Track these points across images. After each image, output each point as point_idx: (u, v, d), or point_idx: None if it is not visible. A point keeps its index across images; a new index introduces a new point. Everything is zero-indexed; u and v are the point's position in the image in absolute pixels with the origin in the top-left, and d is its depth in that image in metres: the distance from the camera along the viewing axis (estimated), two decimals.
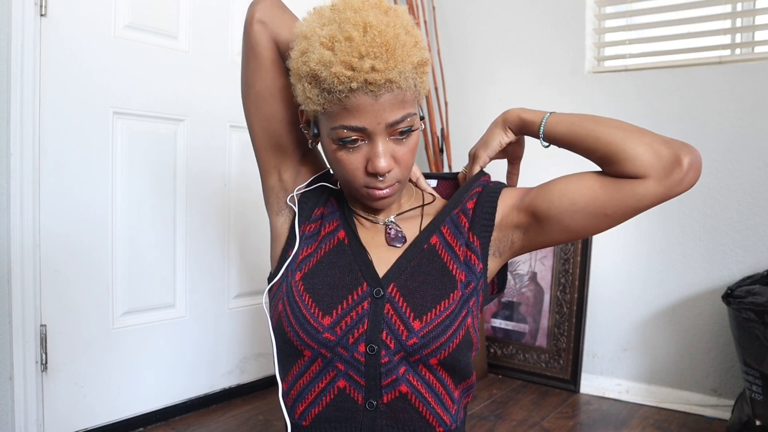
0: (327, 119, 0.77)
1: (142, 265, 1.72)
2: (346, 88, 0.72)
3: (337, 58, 0.71)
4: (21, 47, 1.43)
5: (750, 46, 1.94)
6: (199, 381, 1.89)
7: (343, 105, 0.74)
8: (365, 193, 0.81)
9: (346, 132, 0.75)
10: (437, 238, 0.86)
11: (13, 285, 1.46)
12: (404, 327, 0.78)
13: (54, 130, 1.51)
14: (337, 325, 0.78)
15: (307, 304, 0.80)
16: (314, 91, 0.75)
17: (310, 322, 0.79)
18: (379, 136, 0.76)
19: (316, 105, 0.76)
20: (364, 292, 0.80)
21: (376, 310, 0.79)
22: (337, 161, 0.79)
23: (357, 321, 0.79)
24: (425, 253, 0.85)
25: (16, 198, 1.45)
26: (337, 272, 0.83)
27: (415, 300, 0.80)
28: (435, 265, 0.84)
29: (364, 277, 0.82)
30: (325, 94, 0.74)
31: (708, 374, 1.96)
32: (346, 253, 0.85)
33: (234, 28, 1.90)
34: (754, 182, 1.88)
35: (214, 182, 1.88)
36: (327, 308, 0.79)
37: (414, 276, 0.82)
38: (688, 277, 1.98)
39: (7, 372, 1.47)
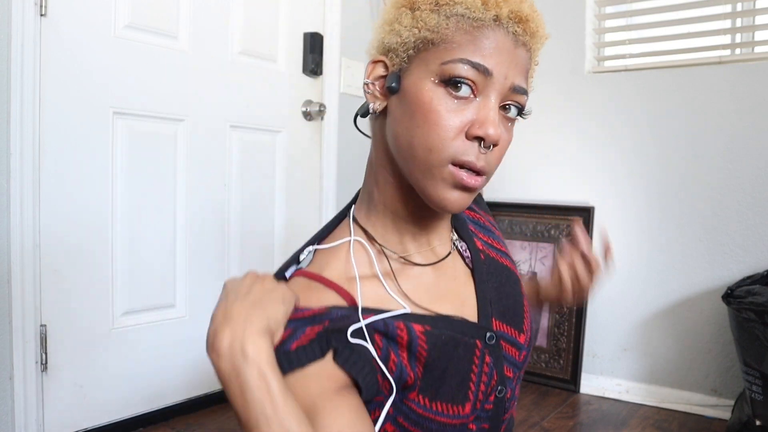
0: (437, 52, 0.59)
1: (142, 265, 1.72)
2: (490, 16, 0.58)
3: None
4: (21, 47, 1.43)
5: (750, 46, 1.94)
6: (199, 381, 1.88)
7: (474, 36, 0.58)
8: (450, 174, 0.59)
9: (466, 69, 0.58)
10: (478, 241, 0.75)
11: (13, 285, 1.46)
12: (516, 348, 0.71)
13: (54, 130, 1.51)
14: (476, 401, 0.66)
15: (441, 410, 0.64)
16: (433, 16, 0.59)
17: (454, 425, 0.64)
18: (495, 94, 0.59)
19: (429, 32, 0.59)
20: (481, 350, 0.67)
21: (496, 354, 0.68)
22: (427, 111, 0.59)
23: (489, 380, 0.67)
24: (487, 264, 0.73)
25: (16, 198, 1.45)
26: (449, 359, 0.64)
27: (512, 316, 0.72)
28: (500, 271, 0.74)
29: (471, 338, 0.66)
30: (449, 21, 0.59)
31: (708, 374, 1.96)
32: (440, 336, 0.64)
33: (234, 28, 1.90)
34: (754, 182, 1.88)
35: (214, 182, 1.88)
36: (462, 397, 0.65)
37: (500, 295, 0.72)
38: (688, 277, 1.98)
39: (7, 372, 1.47)
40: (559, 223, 2.19)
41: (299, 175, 2.13)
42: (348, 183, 2.29)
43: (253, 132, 1.98)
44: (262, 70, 1.99)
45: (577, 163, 2.19)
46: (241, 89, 1.93)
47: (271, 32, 2.01)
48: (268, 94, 2.01)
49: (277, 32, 2.03)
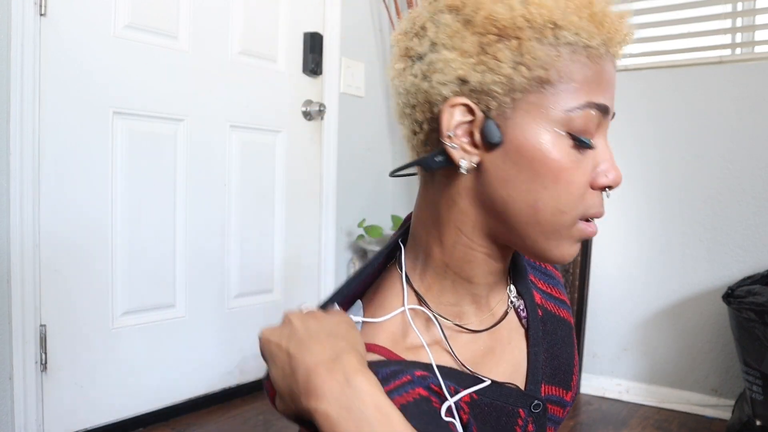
0: (556, 95, 0.49)
1: (142, 265, 1.72)
2: (601, 41, 0.49)
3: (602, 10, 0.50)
4: (21, 47, 1.43)
5: (750, 46, 1.94)
6: (199, 381, 1.89)
7: (593, 70, 0.49)
8: (577, 229, 0.54)
9: (594, 115, 0.50)
10: (537, 293, 0.66)
11: (13, 285, 1.46)
12: (561, 407, 0.66)
13: (54, 130, 1.51)
14: None
15: None
16: (540, 48, 0.48)
17: None
18: (605, 131, 0.53)
19: (539, 69, 0.49)
20: (524, 419, 0.60)
21: (541, 421, 0.61)
22: (557, 172, 0.50)
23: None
24: (543, 321, 0.65)
25: (16, 198, 1.45)
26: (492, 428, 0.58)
27: (561, 376, 0.65)
28: (557, 325, 0.66)
29: (515, 407, 0.59)
30: (564, 50, 0.49)
31: (708, 374, 1.95)
32: (485, 406, 0.58)
33: (234, 28, 1.90)
34: (754, 182, 1.88)
35: (214, 182, 1.88)
36: None
37: (552, 354, 0.65)
38: (689, 277, 1.98)
39: (7, 372, 1.47)
40: None
41: (299, 175, 2.13)
42: (348, 183, 2.28)
43: (253, 132, 1.98)
44: (262, 70, 1.99)
45: None
46: (241, 89, 1.93)
47: (271, 32, 2.01)
48: (268, 94, 2.01)
49: (277, 32, 2.03)
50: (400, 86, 0.55)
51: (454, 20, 0.51)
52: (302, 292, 2.18)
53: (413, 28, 0.55)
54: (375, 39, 2.37)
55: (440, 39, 0.51)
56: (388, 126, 2.47)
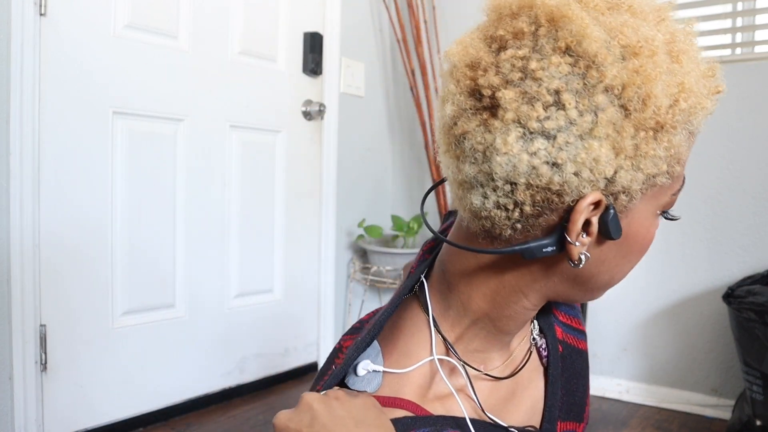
0: (671, 186, 0.48)
1: (142, 265, 1.72)
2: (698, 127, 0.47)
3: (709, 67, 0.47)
4: (21, 47, 1.43)
5: (750, 46, 1.94)
6: (199, 381, 1.89)
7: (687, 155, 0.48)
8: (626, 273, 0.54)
9: (678, 193, 0.49)
10: (558, 327, 0.64)
11: (13, 285, 1.46)
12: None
13: (54, 130, 1.51)
14: None
15: None
16: (679, 138, 0.45)
17: None
18: None
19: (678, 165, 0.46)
20: None
21: None
22: (646, 247, 0.50)
23: None
24: (564, 355, 0.63)
25: (16, 198, 1.45)
26: None
27: (577, 410, 0.63)
28: (575, 359, 0.64)
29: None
30: (689, 136, 0.46)
31: (708, 374, 1.96)
32: None
33: (234, 28, 1.90)
34: (755, 182, 1.88)
35: (214, 182, 1.88)
36: None
37: (568, 390, 0.62)
38: (689, 277, 1.98)
39: (7, 372, 1.47)
40: None
41: (299, 175, 2.13)
42: (348, 183, 2.28)
43: (253, 132, 1.98)
44: (262, 69, 1.99)
45: None
46: (241, 89, 1.93)
47: (271, 32, 2.01)
48: (268, 94, 2.01)
49: (277, 32, 2.03)
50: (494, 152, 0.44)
51: (610, 104, 0.42)
52: (302, 292, 2.18)
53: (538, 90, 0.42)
54: (375, 39, 2.37)
55: (589, 127, 0.42)
56: (388, 126, 2.47)
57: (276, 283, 2.10)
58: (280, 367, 2.12)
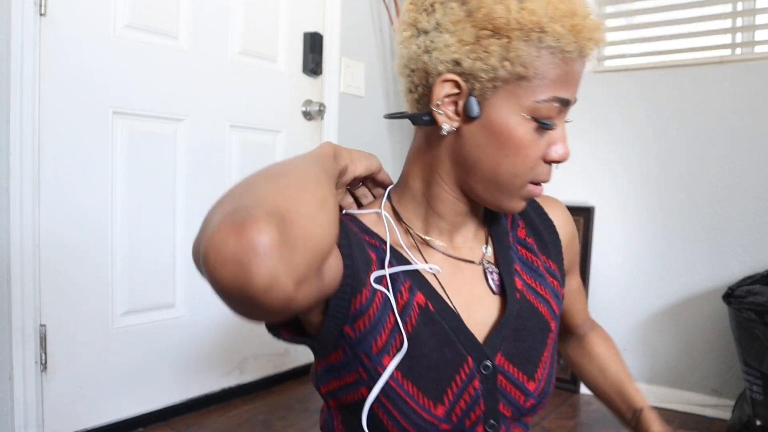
0: (530, 88, 0.60)
1: (142, 265, 1.72)
2: (577, 48, 0.59)
3: (571, 8, 0.58)
4: (21, 47, 1.43)
5: (750, 46, 1.94)
6: (199, 381, 1.89)
7: (563, 70, 0.60)
8: (526, 190, 0.66)
9: (557, 108, 0.61)
10: (519, 280, 0.73)
11: (13, 285, 1.46)
12: (521, 392, 0.69)
13: (54, 130, 1.51)
14: (452, 412, 0.65)
15: (413, 394, 0.64)
16: (525, 48, 0.58)
17: (423, 416, 0.64)
18: (565, 114, 0.65)
19: (520, 66, 0.59)
20: (471, 370, 0.66)
21: (489, 386, 0.67)
22: (517, 144, 0.62)
23: (472, 403, 0.66)
24: (520, 304, 0.72)
25: (16, 198, 1.45)
26: (433, 348, 0.65)
27: (524, 361, 0.70)
28: (530, 313, 0.72)
29: (466, 350, 0.67)
30: (544, 52, 0.58)
31: (708, 374, 1.95)
32: (435, 322, 0.66)
33: (234, 28, 1.90)
34: (755, 182, 1.88)
35: (214, 182, 1.88)
36: (437, 395, 0.64)
37: (518, 335, 0.70)
38: (689, 277, 1.98)
39: (7, 372, 1.47)
40: None
41: None
42: None
43: (253, 132, 1.98)
44: (262, 70, 1.99)
45: (577, 163, 2.19)
46: (241, 89, 1.92)
47: (271, 32, 2.01)
48: (268, 94, 2.01)
49: (277, 32, 2.03)
50: (404, 50, 0.66)
51: (459, 9, 0.60)
52: None
53: (423, 3, 0.64)
54: (375, 39, 2.37)
55: (445, 23, 0.61)
56: (388, 126, 2.47)
57: None
58: (280, 367, 2.12)
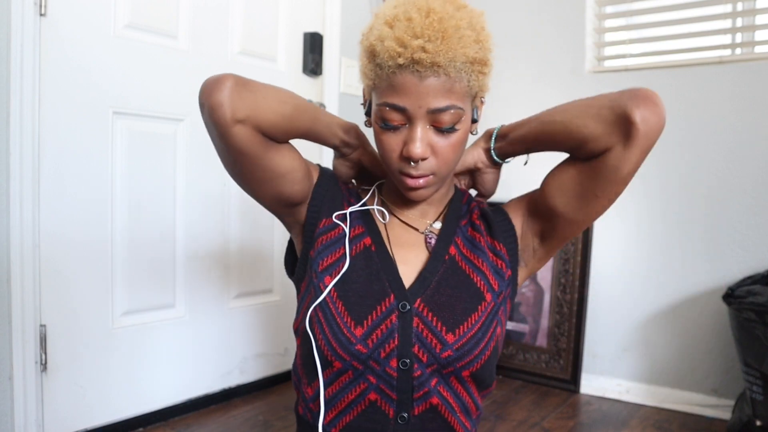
0: (376, 96, 0.78)
1: (142, 265, 1.72)
2: (394, 64, 0.73)
3: (392, 34, 0.73)
4: (21, 47, 1.43)
5: (750, 46, 1.94)
6: (199, 381, 1.89)
7: (389, 82, 0.74)
8: (399, 179, 0.80)
9: (388, 110, 0.76)
10: (454, 248, 0.85)
11: (13, 285, 1.46)
12: (437, 340, 0.78)
13: (54, 130, 1.51)
14: (368, 337, 0.77)
15: (341, 312, 0.78)
16: (369, 65, 0.77)
17: (344, 332, 0.77)
18: (419, 121, 0.75)
19: (369, 79, 0.78)
20: (391, 305, 0.79)
21: (405, 324, 0.78)
22: (378, 141, 0.80)
23: (387, 335, 0.78)
24: (447, 265, 0.84)
25: (15, 198, 1.45)
26: (364, 280, 0.81)
27: (445, 314, 0.79)
28: (459, 277, 0.83)
29: (391, 288, 0.80)
30: (377, 70, 0.75)
31: (708, 374, 1.95)
32: (373, 260, 0.83)
33: (234, 28, 1.90)
34: (755, 182, 1.88)
35: (214, 182, 1.88)
36: (358, 318, 0.78)
37: (440, 290, 0.81)
38: (689, 277, 1.98)
39: (7, 372, 1.47)
40: None
41: None
42: None
43: None
44: (262, 70, 1.99)
45: None
46: None
47: (271, 32, 2.01)
48: None
49: (277, 32, 2.03)
50: None
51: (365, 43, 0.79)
52: None
53: None
54: None
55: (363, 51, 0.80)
56: None
57: (276, 283, 2.10)
58: (280, 367, 2.12)
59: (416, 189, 0.79)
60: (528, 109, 0.98)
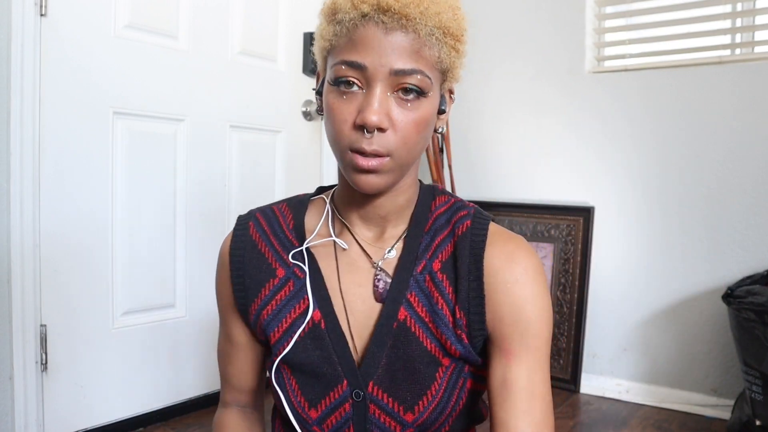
0: (332, 59, 0.67)
1: (142, 265, 1.72)
2: (357, 14, 0.63)
3: None
4: (21, 47, 1.43)
5: (750, 46, 1.94)
6: (199, 381, 1.89)
7: (349, 37, 0.64)
8: (349, 160, 0.66)
9: (344, 69, 0.64)
10: (404, 311, 0.71)
11: (13, 285, 1.46)
12: (396, 422, 0.70)
13: (54, 130, 1.51)
14: (323, 421, 0.71)
15: (295, 390, 0.72)
16: (328, 27, 0.67)
17: (298, 412, 0.72)
18: (378, 83, 0.64)
19: (326, 41, 0.67)
20: (344, 392, 0.70)
21: (359, 413, 0.70)
22: (328, 110, 0.67)
23: (342, 423, 0.71)
24: (396, 333, 0.71)
25: (16, 198, 1.45)
26: (315, 362, 0.71)
27: (401, 392, 0.70)
28: (411, 345, 0.70)
29: (343, 373, 0.70)
30: (336, 27, 0.65)
31: (708, 374, 1.96)
32: (323, 340, 0.71)
33: (234, 28, 1.90)
34: (755, 182, 1.88)
35: (214, 182, 1.88)
36: (312, 401, 0.71)
37: (391, 364, 0.70)
38: (689, 277, 1.98)
39: (7, 372, 1.47)
40: (559, 223, 2.19)
41: (299, 175, 2.13)
42: None
43: (253, 132, 1.98)
44: (262, 70, 1.99)
45: (577, 163, 2.19)
46: (241, 89, 1.93)
47: (270, 32, 2.01)
48: (268, 94, 2.01)
49: (276, 32, 2.04)
50: None
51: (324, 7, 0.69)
52: None
53: None
54: None
55: None
56: None
57: None
58: None
59: (368, 172, 0.65)
60: (526, 107, 0.98)
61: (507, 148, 2.33)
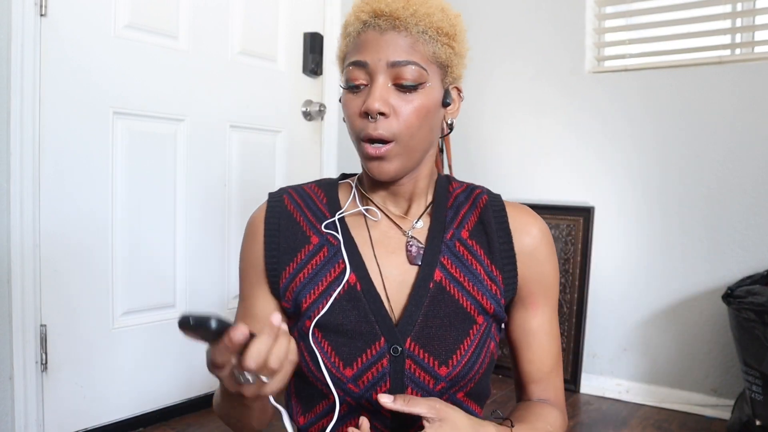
0: (343, 65, 0.78)
1: (142, 265, 1.72)
2: (359, 24, 0.75)
3: (363, 2, 0.76)
4: (21, 47, 1.43)
5: (750, 46, 1.94)
6: (199, 381, 1.89)
7: (355, 43, 0.75)
8: (362, 149, 0.75)
9: (351, 69, 0.75)
10: (440, 272, 0.78)
11: (13, 285, 1.46)
12: (430, 377, 0.75)
13: (54, 130, 1.51)
14: (359, 378, 0.74)
15: (327, 353, 0.75)
16: (343, 41, 0.78)
17: (333, 372, 0.75)
18: (379, 76, 0.73)
19: (341, 53, 0.79)
20: (381, 348, 0.75)
21: (396, 368, 0.75)
22: (343, 107, 0.78)
23: (379, 378, 0.75)
24: (433, 293, 0.77)
25: (16, 198, 1.45)
26: (352, 321, 0.76)
27: (436, 347, 0.76)
28: (447, 303, 0.77)
29: (380, 331, 0.75)
30: (347, 39, 0.77)
31: (708, 374, 1.96)
32: (359, 301, 0.76)
33: (234, 28, 1.90)
34: (755, 182, 1.88)
35: (214, 182, 1.88)
36: (348, 359, 0.75)
37: (428, 322, 0.76)
38: (689, 277, 1.98)
39: (7, 372, 1.47)
40: (559, 223, 2.19)
41: (299, 175, 2.13)
42: None
43: (253, 132, 1.98)
44: (262, 70, 1.99)
45: (577, 163, 2.19)
46: (241, 89, 1.93)
47: (271, 32, 2.01)
48: (268, 94, 2.01)
49: (277, 32, 2.04)
50: None
51: None
52: None
53: None
54: None
55: None
56: None
57: None
58: None
59: (378, 159, 0.74)
60: (526, 107, 0.98)
61: (507, 148, 2.33)
